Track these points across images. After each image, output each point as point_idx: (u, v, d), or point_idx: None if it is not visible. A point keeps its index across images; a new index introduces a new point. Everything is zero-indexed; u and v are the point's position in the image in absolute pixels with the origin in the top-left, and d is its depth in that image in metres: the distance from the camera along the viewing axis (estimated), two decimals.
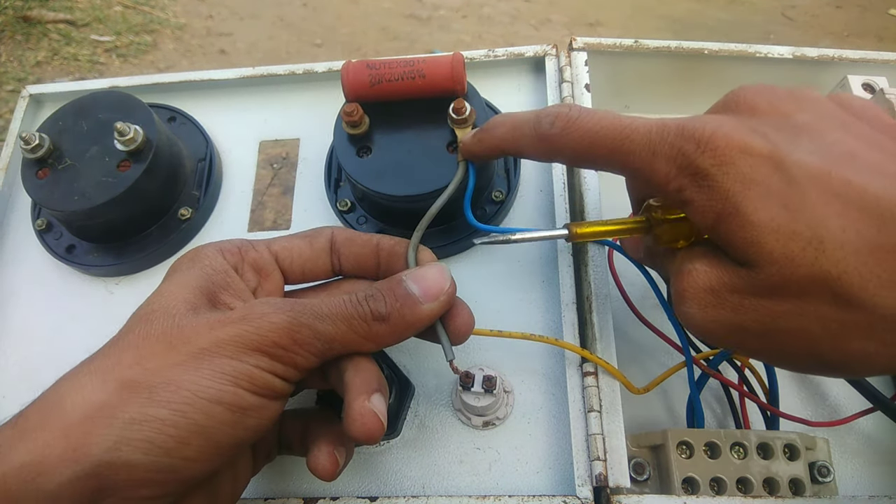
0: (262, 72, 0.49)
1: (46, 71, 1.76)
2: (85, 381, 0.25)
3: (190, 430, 0.24)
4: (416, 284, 0.29)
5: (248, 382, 0.26)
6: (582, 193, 0.40)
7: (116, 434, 0.23)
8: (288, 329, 0.27)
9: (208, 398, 0.25)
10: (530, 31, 1.94)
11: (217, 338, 0.26)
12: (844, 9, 2.08)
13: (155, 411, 0.24)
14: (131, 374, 0.25)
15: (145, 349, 0.26)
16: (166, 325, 0.26)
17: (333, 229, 0.34)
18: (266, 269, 0.32)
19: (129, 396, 0.24)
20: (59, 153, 0.42)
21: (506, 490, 0.35)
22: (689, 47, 0.47)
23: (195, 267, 0.30)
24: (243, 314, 0.27)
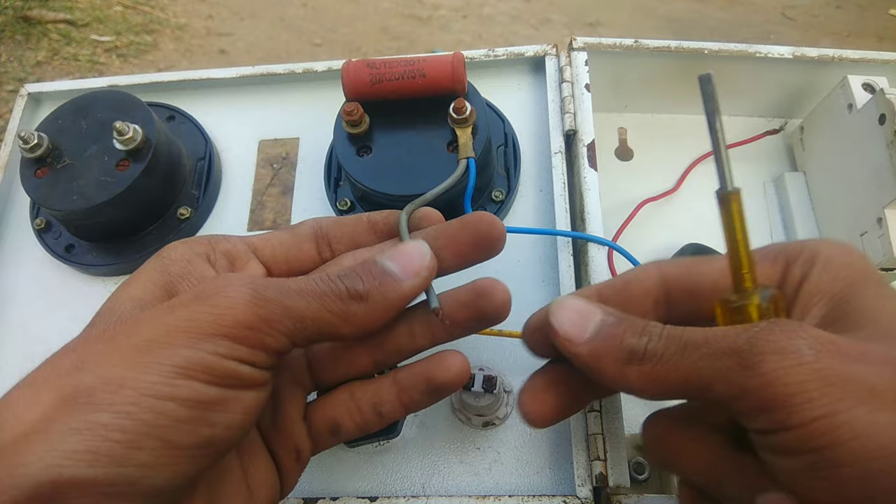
0: (262, 71, 0.49)
1: (46, 71, 1.76)
2: (18, 396, 0.22)
3: (139, 432, 0.21)
4: (393, 262, 0.27)
5: (205, 373, 0.22)
6: (582, 193, 0.40)
7: (54, 449, 0.20)
8: (251, 304, 0.23)
9: (155, 394, 0.21)
10: (530, 30, 1.94)
11: (165, 325, 0.23)
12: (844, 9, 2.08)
13: (95, 417, 0.20)
14: (68, 380, 0.22)
15: (84, 351, 0.23)
16: (108, 323, 0.24)
17: (316, 218, 0.32)
18: (241, 258, 0.29)
19: (66, 405, 0.21)
20: (58, 152, 0.42)
21: (506, 490, 0.34)
22: (689, 47, 0.47)
23: (153, 262, 0.28)
24: (196, 293, 0.24)
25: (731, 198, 0.25)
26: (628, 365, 0.24)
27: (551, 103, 0.44)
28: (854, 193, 0.43)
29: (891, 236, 0.39)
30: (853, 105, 0.43)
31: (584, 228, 0.39)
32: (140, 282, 0.26)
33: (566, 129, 0.43)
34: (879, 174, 0.40)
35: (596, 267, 0.38)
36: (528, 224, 0.42)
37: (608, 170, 0.50)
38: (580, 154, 0.41)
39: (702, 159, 0.51)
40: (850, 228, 0.43)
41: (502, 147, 0.43)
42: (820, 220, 0.47)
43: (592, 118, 0.43)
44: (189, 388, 0.22)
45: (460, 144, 0.36)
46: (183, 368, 0.22)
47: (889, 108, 0.39)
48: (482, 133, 0.38)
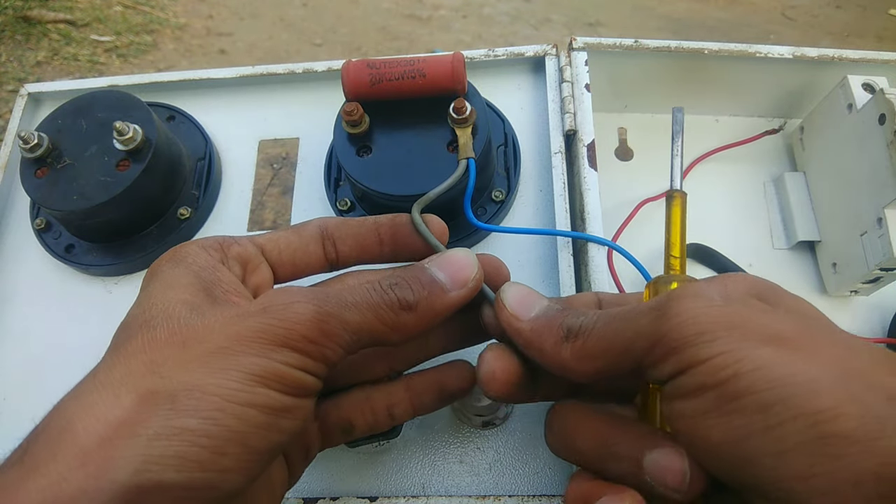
0: (262, 71, 0.49)
1: (46, 71, 1.76)
2: (95, 398, 0.21)
3: (224, 438, 0.21)
4: (442, 271, 0.28)
5: (277, 382, 0.23)
6: (582, 193, 0.40)
7: (142, 453, 0.20)
8: (316, 320, 0.24)
9: (239, 401, 0.22)
10: (530, 30, 1.94)
11: (237, 334, 0.23)
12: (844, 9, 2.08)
13: (182, 422, 0.21)
14: (146, 383, 0.22)
15: (155, 354, 0.23)
16: (172, 327, 0.24)
17: (319, 218, 0.32)
18: (252, 262, 0.29)
19: (150, 409, 0.21)
20: (58, 152, 0.42)
21: (506, 490, 0.34)
22: (689, 47, 0.47)
23: (179, 266, 0.27)
24: (264, 305, 0.24)
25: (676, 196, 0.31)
26: (564, 342, 0.26)
27: (551, 103, 0.44)
28: (854, 193, 0.43)
29: (891, 236, 0.39)
30: (853, 105, 0.43)
31: (584, 228, 0.39)
32: (179, 287, 0.26)
33: (566, 129, 0.43)
34: (879, 174, 0.40)
35: (596, 267, 0.38)
36: (529, 224, 0.42)
37: (608, 170, 0.50)
38: (580, 154, 0.41)
39: (701, 159, 0.51)
40: (850, 228, 0.43)
41: (502, 147, 0.43)
42: (820, 220, 0.47)
43: (592, 118, 0.43)
44: (266, 396, 0.23)
45: (460, 144, 0.36)
46: (259, 377, 0.23)
47: (889, 108, 0.39)
48: (482, 133, 0.38)
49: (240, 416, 0.22)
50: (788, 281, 0.47)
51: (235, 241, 0.29)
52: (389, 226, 0.31)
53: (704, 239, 0.47)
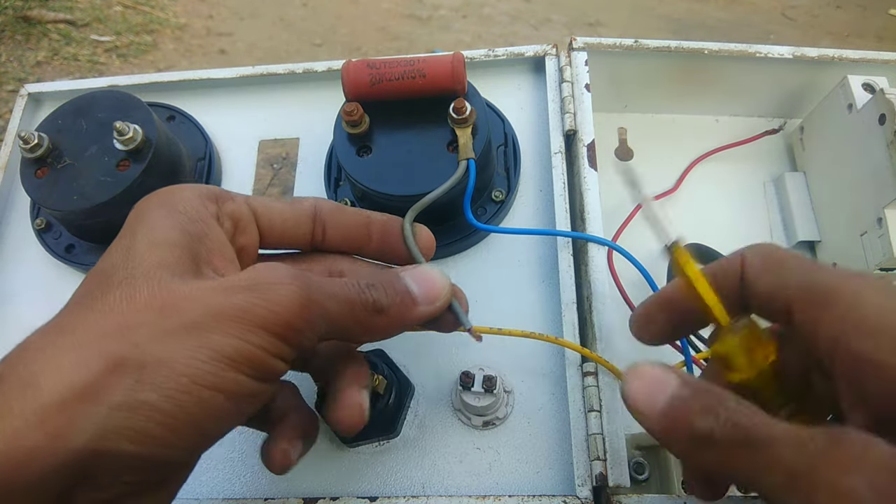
0: (262, 71, 0.49)
1: (46, 71, 1.76)
2: (63, 356, 0.21)
3: (183, 420, 0.21)
4: (417, 284, 0.28)
5: (249, 366, 0.23)
6: (582, 193, 0.40)
7: (101, 421, 0.20)
8: (300, 306, 0.24)
9: (206, 385, 0.22)
10: (530, 30, 1.94)
11: (219, 309, 0.22)
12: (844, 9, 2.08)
13: (146, 396, 0.21)
14: (117, 348, 0.21)
15: (131, 317, 0.22)
16: (152, 289, 0.23)
17: (315, 198, 0.32)
18: (243, 222, 0.29)
19: (116, 377, 0.21)
20: (58, 152, 0.42)
21: (506, 490, 0.34)
22: (689, 47, 0.47)
23: (170, 214, 0.26)
24: (251, 281, 0.23)
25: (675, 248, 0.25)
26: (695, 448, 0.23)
27: (551, 103, 0.44)
28: (854, 193, 0.43)
29: (891, 236, 0.39)
30: (853, 105, 0.43)
31: (584, 228, 0.39)
32: (165, 245, 0.25)
33: (566, 129, 0.43)
34: (879, 174, 0.40)
35: (596, 267, 0.38)
36: (529, 224, 0.42)
37: (608, 170, 0.50)
38: (580, 154, 0.41)
39: (701, 159, 0.51)
40: (850, 228, 0.43)
41: (502, 147, 0.43)
42: (820, 220, 0.47)
43: (592, 118, 0.43)
44: (234, 382, 0.22)
45: (460, 145, 0.36)
46: (231, 359, 0.22)
47: (889, 108, 0.39)
48: (482, 133, 0.38)
49: (204, 401, 0.22)
50: None
51: (231, 197, 0.29)
52: (381, 227, 0.32)
53: (704, 239, 0.47)
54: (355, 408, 0.27)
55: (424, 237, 0.33)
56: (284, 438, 0.28)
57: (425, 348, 0.39)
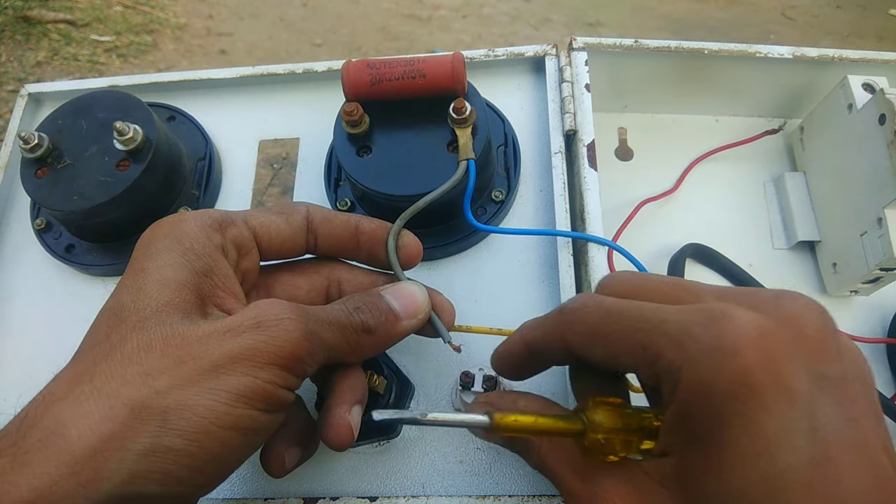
0: (262, 71, 0.49)
1: (46, 71, 1.76)
2: (90, 406, 0.22)
3: (205, 459, 0.23)
4: (397, 301, 0.30)
5: (262, 401, 0.24)
6: (582, 193, 0.40)
7: (129, 468, 0.21)
8: (303, 339, 0.26)
9: (225, 425, 0.23)
10: (530, 30, 1.94)
11: (230, 351, 0.24)
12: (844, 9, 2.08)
13: (170, 441, 0.22)
14: (139, 396, 0.22)
15: (150, 364, 0.23)
16: (166, 335, 0.24)
17: (308, 206, 0.33)
18: (246, 247, 0.30)
19: (141, 424, 0.22)
20: (59, 152, 0.42)
21: (506, 490, 0.34)
22: (689, 47, 0.47)
23: (177, 253, 0.27)
24: (256, 320, 0.25)
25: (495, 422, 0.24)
26: None
27: (551, 103, 0.44)
28: (854, 193, 0.43)
29: (891, 236, 0.39)
30: (853, 105, 0.43)
31: (584, 228, 0.39)
32: (174, 285, 0.26)
33: (566, 129, 0.43)
34: (879, 174, 0.40)
35: (596, 267, 0.38)
36: (529, 224, 0.42)
37: (608, 170, 0.50)
38: (580, 154, 0.41)
39: (701, 159, 0.51)
40: (850, 228, 0.43)
41: (502, 147, 0.43)
42: (820, 220, 0.47)
43: (592, 118, 0.43)
44: (248, 417, 0.24)
45: (460, 145, 0.36)
46: (246, 397, 0.24)
47: (889, 108, 0.39)
48: (482, 133, 0.38)
49: (222, 440, 0.23)
50: (788, 281, 0.47)
51: (233, 222, 0.30)
52: (369, 237, 0.33)
53: (704, 239, 0.47)
54: (343, 427, 0.28)
55: (411, 245, 0.34)
56: (282, 443, 0.30)
57: (425, 348, 0.39)
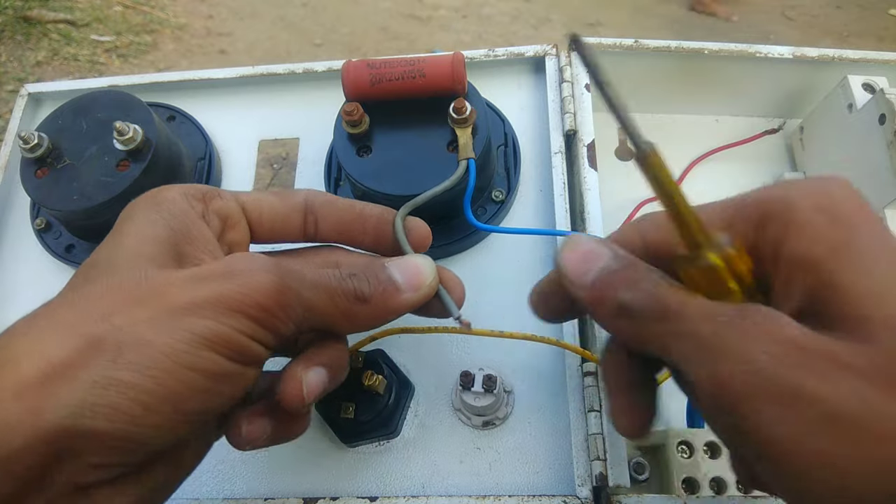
0: (262, 71, 0.49)
1: (46, 71, 1.76)
2: (45, 335, 0.22)
3: (159, 396, 0.22)
4: (400, 273, 0.29)
5: (225, 347, 0.23)
6: (582, 193, 0.40)
7: (78, 397, 0.21)
8: (275, 290, 0.24)
9: (182, 363, 0.22)
10: (530, 30, 1.94)
11: (195, 295, 0.23)
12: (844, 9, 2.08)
13: (122, 374, 0.21)
14: (97, 329, 0.22)
15: (112, 301, 0.23)
16: (135, 277, 0.24)
17: (308, 190, 0.32)
18: (233, 218, 0.30)
19: (95, 355, 0.21)
20: (58, 152, 0.42)
21: (506, 490, 0.34)
22: (689, 47, 0.47)
23: (155, 213, 0.27)
24: (226, 269, 0.24)
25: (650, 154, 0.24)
26: (618, 318, 0.24)
27: (551, 103, 0.44)
28: None
29: None
30: (853, 105, 0.43)
31: (584, 228, 0.39)
32: (149, 239, 0.26)
33: (566, 129, 0.43)
34: (879, 174, 0.40)
35: None
36: (529, 224, 0.42)
37: (608, 170, 0.50)
38: (580, 154, 0.41)
39: (701, 159, 0.51)
40: None
41: (502, 147, 0.43)
42: None
43: (592, 118, 0.43)
44: (210, 361, 0.23)
45: (460, 145, 0.36)
46: (208, 340, 0.23)
47: (889, 108, 0.39)
48: (482, 133, 0.38)
49: (181, 378, 0.22)
50: None
51: (219, 194, 0.29)
52: (376, 220, 0.32)
53: None
54: (291, 382, 0.27)
55: (419, 230, 0.33)
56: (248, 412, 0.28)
57: (425, 348, 0.39)
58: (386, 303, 0.28)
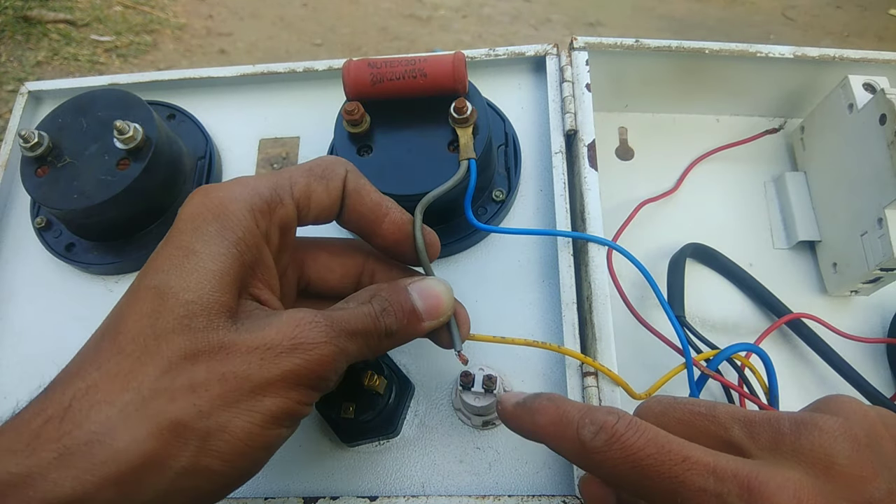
0: (263, 69, 0.49)
1: (46, 71, 1.76)
2: (136, 420, 0.23)
3: (234, 477, 0.25)
4: (422, 301, 0.29)
5: (288, 418, 0.25)
6: (582, 193, 0.40)
7: (167, 486, 0.23)
8: (333, 359, 0.26)
9: (256, 446, 0.24)
10: (530, 30, 1.94)
11: (269, 374, 0.24)
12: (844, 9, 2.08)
13: (208, 462, 0.23)
14: (183, 415, 0.23)
15: (195, 377, 0.24)
16: (212, 343, 0.24)
17: (347, 170, 0.30)
18: (288, 226, 0.29)
19: (182, 444, 0.23)
20: (59, 151, 0.42)
21: (505, 490, 0.34)
22: (689, 47, 0.47)
23: (222, 240, 0.26)
24: (294, 342, 0.25)
25: None
26: None
27: (552, 103, 0.44)
28: (854, 193, 0.43)
29: (891, 236, 0.39)
30: (854, 105, 0.43)
31: (584, 228, 0.39)
32: (222, 277, 0.25)
33: (567, 129, 0.43)
34: (880, 174, 0.40)
35: (596, 267, 0.38)
36: (529, 224, 0.42)
37: (608, 169, 0.50)
38: (581, 154, 0.41)
39: (702, 159, 0.51)
40: (851, 228, 0.43)
41: (503, 147, 0.43)
42: (820, 220, 0.47)
43: (593, 118, 0.43)
44: (275, 434, 0.25)
45: (461, 145, 0.36)
46: (275, 417, 0.25)
47: (890, 108, 0.39)
48: (483, 133, 0.38)
49: (253, 460, 0.25)
50: (788, 281, 0.47)
51: (281, 201, 0.28)
52: (393, 228, 0.31)
53: (704, 238, 0.47)
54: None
55: (431, 241, 0.33)
56: None
57: (425, 348, 0.39)
58: (408, 334, 0.29)
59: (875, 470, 0.22)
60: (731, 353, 0.37)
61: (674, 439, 0.23)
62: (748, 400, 0.38)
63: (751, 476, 0.21)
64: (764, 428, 0.24)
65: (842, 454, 0.22)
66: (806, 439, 0.23)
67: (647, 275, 0.37)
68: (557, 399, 0.27)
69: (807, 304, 0.45)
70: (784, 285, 0.46)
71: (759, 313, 0.46)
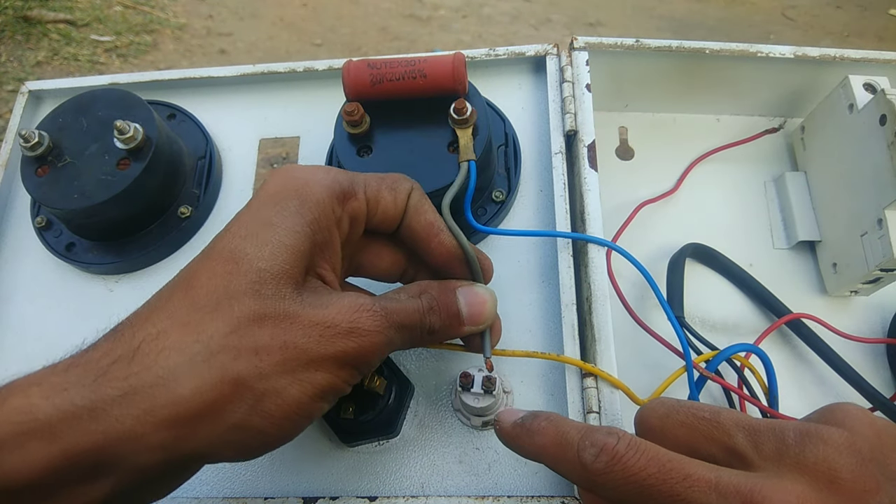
0: (263, 69, 0.49)
1: (46, 71, 1.76)
2: (202, 370, 0.24)
3: (276, 437, 0.26)
4: (468, 307, 0.30)
5: (333, 394, 0.27)
6: (582, 194, 0.40)
7: (217, 437, 0.24)
8: (384, 347, 0.27)
9: (302, 414, 0.26)
10: (530, 30, 1.94)
11: (325, 351, 0.26)
12: (844, 9, 2.08)
13: (257, 422, 0.24)
14: (245, 374, 0.24)
15: (260, 340, 0.25)
16: (279, 311, 0.25)
17: (413, 186, 0.32)
18: (358, 220, 0.31)
19: (238, 399, 0.24)
20: (59, 151, 0.42)
21: (505, 490, 0.34)
22: (690, 47, 0.47)
23: (302, 219, 0.27)
24: (351, 325, 0.26)
25: None
26: None
27: (552, 103, 0.44)
28: (854, 194, 0.43)
29: (891, 237, 0.39)
30: (854, 105, 0.43)
31: (584, 229, 0.39)
32: (297, 250, 0.27)
33: (567, 130, 0.43)
34: (880, 175, 0.40)
35: (596, 268, 0.38)
36: (529, 224, 0.42)
37: (609, 169, 0.50)
38: (581, 154, 0.41)
39: (702, 159, 0.51)
40: (851, 229, 0.43)
41: (503, 147, 0.43)
42: (820, 220, 0.47)
43: (593, 117, 0.42)
44: (319, 408, 0.27)
45: (461, 145, 0.36)
46: (324, 391, 0.26)
47: (890, 108, 0.39)
48: (483, 133, 0.38)
49: (296, 425, 0.26)
50: (788, 281, 0.47)
51: (355, 194, 0.30)
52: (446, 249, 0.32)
53: (704, 238, 0.47)
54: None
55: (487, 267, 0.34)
56: None
57: (425, 349, 0.39)
58: (447, 334, 0.31)
59: (878, 483, 0.22)
60: (731, 353, 0.37)
61: (675, 457, 0.23)
62: (748, 402, 0.38)
63: (754, 491, 0.22)
64: (768, 437, 0.24)
65: (846, 468, 0.22)
66: (810, 451, 0.23)
67: (646, 275, 0.37)
68: (556, 419, 0.28)
69: (807, 305, 0.45)
70: (784, 285, 0.46)
71: (758, 313, 0.46)
